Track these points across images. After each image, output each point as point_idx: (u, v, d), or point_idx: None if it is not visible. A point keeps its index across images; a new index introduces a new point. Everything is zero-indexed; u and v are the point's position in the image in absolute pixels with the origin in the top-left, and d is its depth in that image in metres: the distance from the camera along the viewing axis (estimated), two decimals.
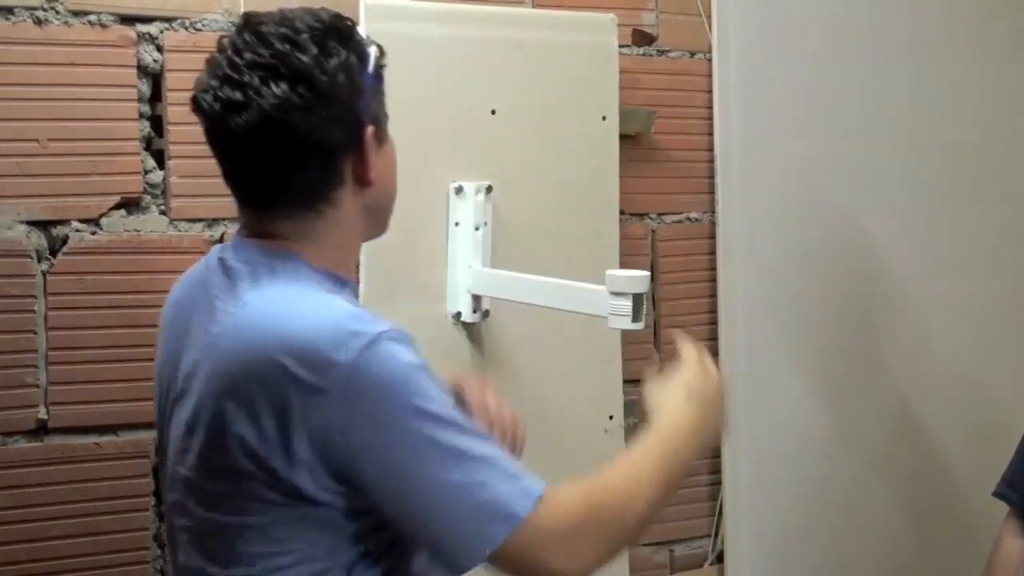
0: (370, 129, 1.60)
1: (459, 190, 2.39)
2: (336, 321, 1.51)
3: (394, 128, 2.29)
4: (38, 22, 2.14)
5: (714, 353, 2.78)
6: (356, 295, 1.72)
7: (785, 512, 2.84)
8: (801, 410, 2.85)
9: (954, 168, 3.01)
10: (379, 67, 1.63)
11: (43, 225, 2.15)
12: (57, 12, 2.15)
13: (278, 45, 1.55)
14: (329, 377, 1.47)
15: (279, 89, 1.53)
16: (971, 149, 3.03)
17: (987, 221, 3.06)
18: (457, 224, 2.39)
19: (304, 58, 1.55)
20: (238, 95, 1.53)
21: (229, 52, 1.56)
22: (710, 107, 2.77)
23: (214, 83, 1.56)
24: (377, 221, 1.70)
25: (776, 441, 2.83)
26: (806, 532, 2.87)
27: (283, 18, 1.59)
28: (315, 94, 1.54)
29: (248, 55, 1.55)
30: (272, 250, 1.60)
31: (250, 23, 1.59)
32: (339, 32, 1.59)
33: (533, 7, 2.57)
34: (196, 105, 1.58)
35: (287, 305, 1.54)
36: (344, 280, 1.65)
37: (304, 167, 1.57)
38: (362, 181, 1.61)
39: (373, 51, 1.62)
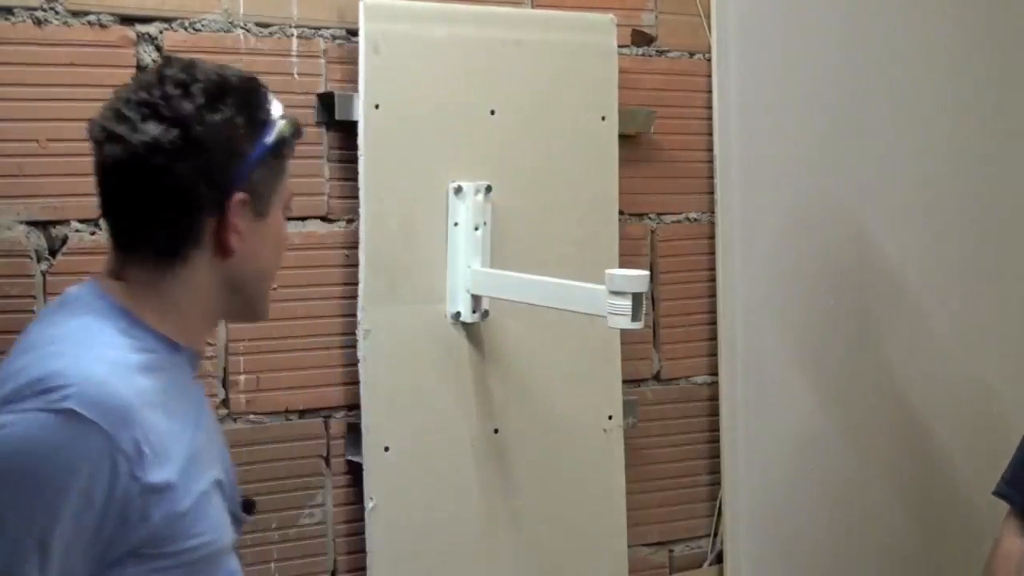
0: (240, 196, 1.58)
1: (458, 190, 2.39)
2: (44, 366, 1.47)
3: (394, 129, 2.33)
4: (38, 22, 2.14)
5: (713, 353, 2.80)
6: (192, 367, 1.65)
7: (785, 512, 2.85)
8: (801, 410, 2.86)
9: (954, 167, 3.02)
10: (280, 142, 1.63)
11: (42, 225, 2.15)
12: (56, 12, 2.15)
13: (169, 88, 1.57)
14: None
15: (154, 130, 1.54)
16: (971, 148, 3.04)
17: (988, 220, 3.08)
18: (456, 224, 2.40)
19: (187, 105, 1.56)
20: (119, 128, 1.56)
21: (131, 86, 1.61)
22: (709, 107, 2.77)
23: (107, 113, 1.59)
24: (241, 300, 1.66)
25: (776, 441, 2.84)
26: (806, 532, 2.88)
27: (190, 65, 1.61)
28: (186, 143, 1.55)
29: (142, 93, 1.57)
30: (102, 291, 1.59)
31: (161, 64, 1.63)
32: (240, 92, 1.60)
33: (532, 7, 2.57)
34: (88, 131, 1.60)
35: (46, 343, 1.52)
36: (176, 346, 1.60)
37: (161, 214, 1.57)
38: (222, 249, 1.59)
39: (280, 125, 1.62)
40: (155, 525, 1.49)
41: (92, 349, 1.52)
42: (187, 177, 1.55)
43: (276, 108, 1.65)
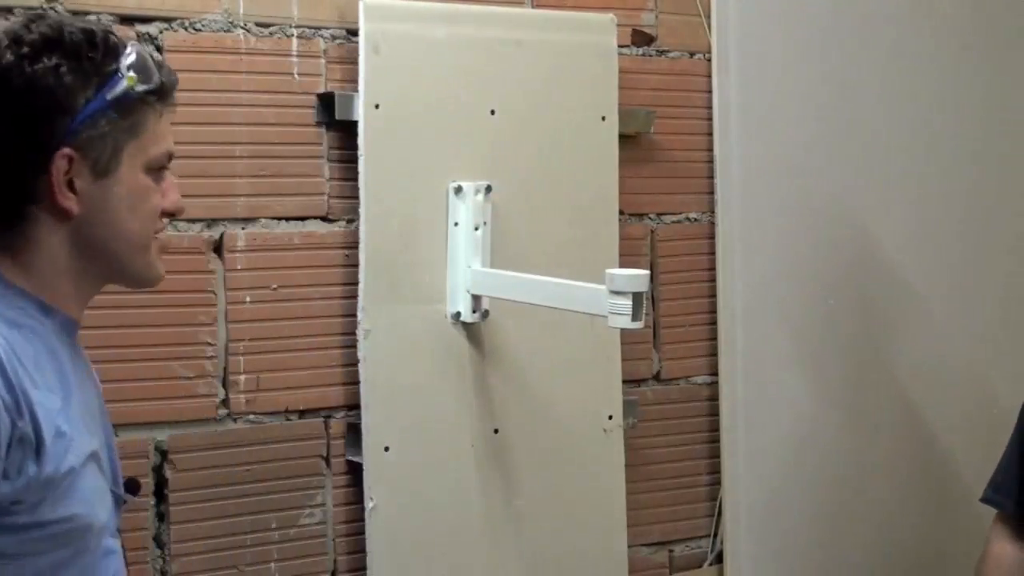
0: (64, 152, 1.50)
1: (458, 190, 2.41)
2: None
3: (394, 129, 2.33)
4: None
5: (714, 353, 2.82)
6: (69, 333, 1.59)
7: (785, 512, 2.86)
8: (800, 410, 2.87)
9: (955, 166, 3.03)
10: (123, 97, 1.53)
11: None
12: (56, 12, 2.14)
13: (1, 39, 1.52)
14: None
15: None
16: (972, 147, 3.05)
17: (988, 219, 3.09)
18: (456, 224, 2.41)
19: (9, 56, 1.50)
20: None
21: None
22: (709, 107, 2.78)
23: None
24: (107, 264, 1.59)
25: (775, 441, 2.85)
26: (807, 532, 2.89)
27: (35, 18, 1.55)
28: (5, 96, 1.50)
29: None
30: None
31: (19, 16, 1.58)
32: (74, 45, 1.52)
33: (532, 7, 2.58)
34: None
35: None
36: (48, 307, 1.55)
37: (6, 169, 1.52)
38: (56, 209, 1.52)
39: (123, 80, 1.53)
40: (14, 484, 1.46)
41: None
42: (6, 132, 1.51)
43: (126, 61, 1.54)
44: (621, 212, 2.66)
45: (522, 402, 2.52)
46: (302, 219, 2.37)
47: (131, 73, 1.54)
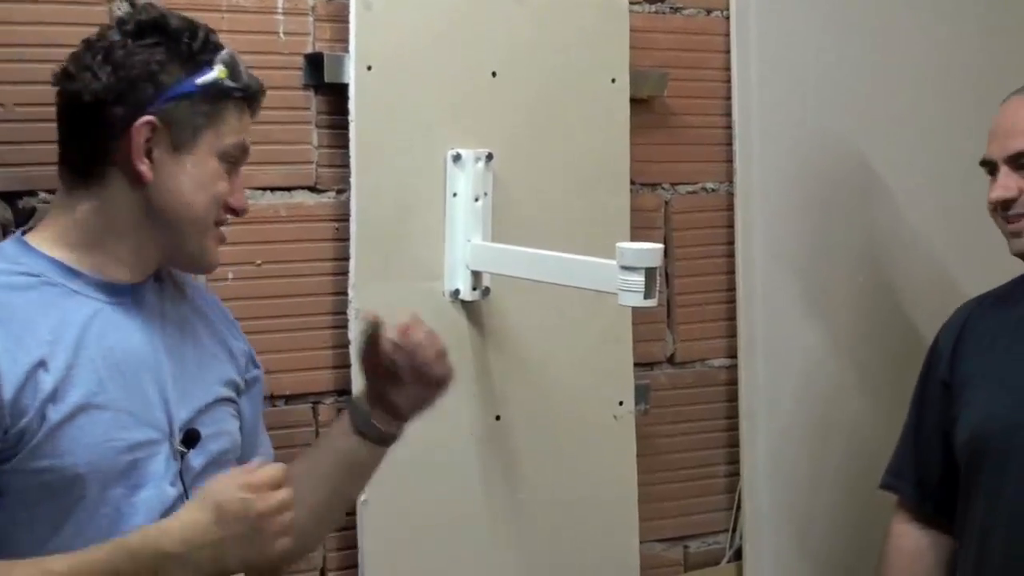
0: (148, 119, 1.76)
1: (457, 158, 2.40)
2: None
3: (387, 92, 2.31)
4: None
5: (732, 334, 2.81)
6: (112, 293, 1.82)
7: (810, 505, 2.87)
8: (826, 396, 2.87)
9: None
10: (212, 85, 1.80)
11: (8, 196, 2.15)
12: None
13: (112, 26, 1.84)
14: None
15: (86, 57, 1.80)
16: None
17: None
18: (455, 195, 2.41)
19: (115, 35, 1.80)
20: (69, 65, 1.83)
21: None
22: (727, 69, 2.78)
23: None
24: (169, 238, 1.84)
25: (799, 430, 2.85)
26: (831, 527, 2.89)
27: (144, 7, 1.86)
28: (105, 63, 1.77)
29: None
30: (21, 232, 1.84)
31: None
32: (175, 31, 1.80)
33: None
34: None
35: None
36: (73, 272, 1.80)
37: (75, 129, 1.81)
38: (132, 172, 1.78)
39: (216, 69, 1.80)
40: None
41: None
42: (99, 93, 1.76)
43: (222, 57, 1.82)
44: (632, 182, 2.65)
45: (526, 387, 2.53)
46: (289, 190, 2.37)
47: (222, 67, 1.80)
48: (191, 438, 1.84)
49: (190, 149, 1.80)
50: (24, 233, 1.84)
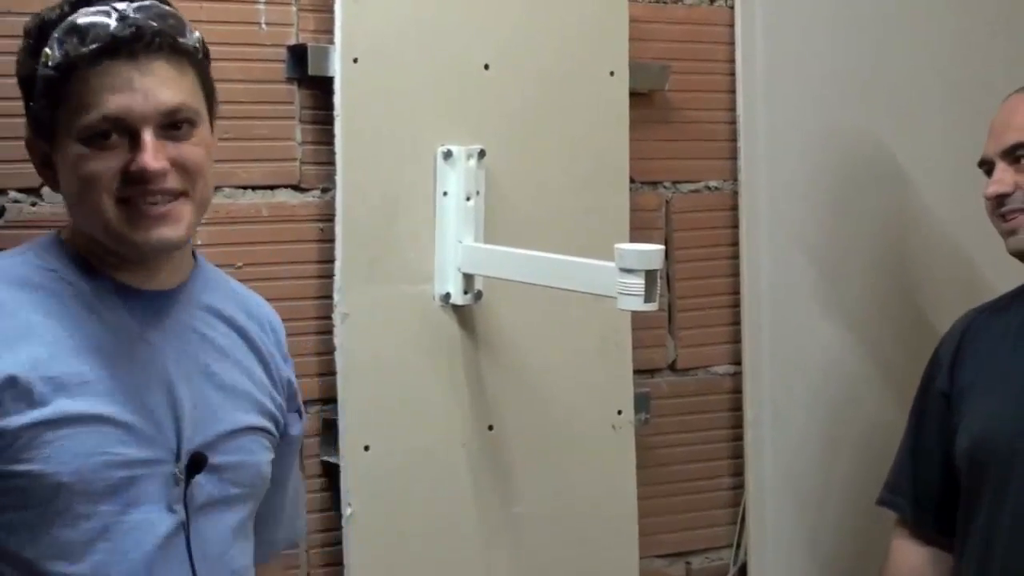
0: (27, 136, 1.81)
1: (448, 155, 2.40)
2: None
3: (375, 86, 2.30)
4: None
5: (736, 340, 2.81)
6: (124, 297, 1.79)
7: (817, 519, 2.87)
8: (835, 405, 2.87)
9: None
10: (46, 71, 1.73)
11: None
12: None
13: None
14: None
15: None
16: None
17: None
18: (445, 194, 2.41)
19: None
20: None
21: None
22: (732, 61, 2.78)
23: None
24: (81, 227, 1.80)
25: (807, 440, 2.85)
26: (840, 541, 2.89)
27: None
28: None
29: None
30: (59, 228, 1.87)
31: None
32: (27, 34, 1.79)
33: None
34: None
35: None
36: (94, 271, 1.79)
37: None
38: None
39: (43, 55, 1.73)
40: None
41: None
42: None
43: (56, 33, 1.73)
44: (632, 180, 2.65)
45: (520, 395, 2.53)
46: (271, 188, 2.36)
47: (47, 48, 1.73)
48: (196, 463, 1.78)
49: (56, 144, 1.75)
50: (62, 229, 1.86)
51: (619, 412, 2.62)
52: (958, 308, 2.62)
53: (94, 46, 1.70)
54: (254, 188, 2.35)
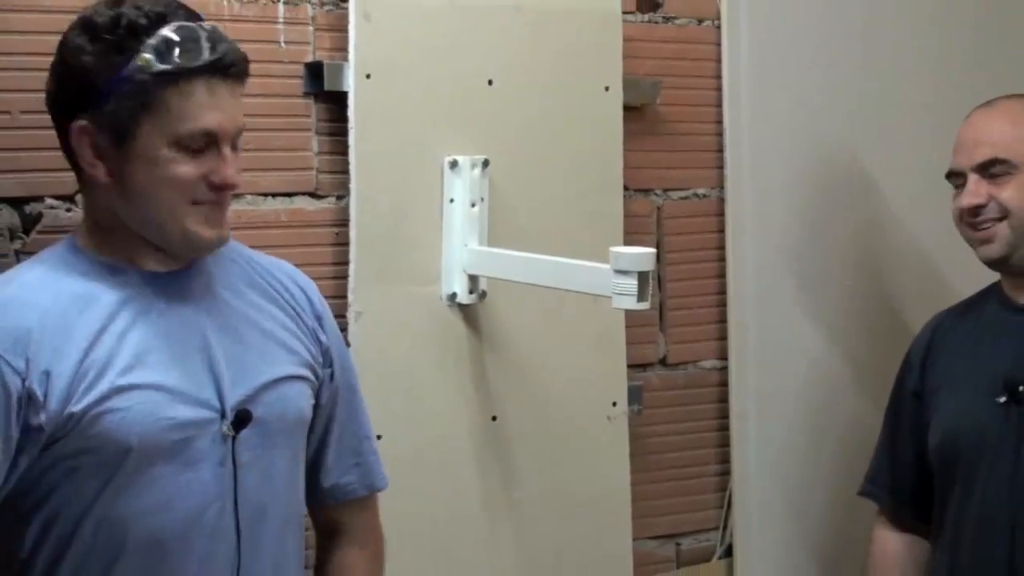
0: (80, 124, 1.77)
1: (454, 164, 2.41)
2: None
3: (386, 100, 2.30)
4: None
5: (723, 337, 2.82)
6: (153, 283, 1.84)
7: (799, 503, 2.88)
8: (815, 397, 2.88)
9: None
10: (141, 76, 1.74)
11: (15, 202, 2.15)
12: None
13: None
14: None
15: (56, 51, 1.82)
16: None
17: None
18: (452, 200, 2.41)
19: (66, 33, 1.80)
20: None
21: None
22: (719, 77, 2.78)
23: None
24: (140, 221, 1.81)
25: (788, 429, 2.86)
26: (821, 525, 2.90)
27: (102, 5, 1.80)
28: (53, 69, 1.82)
29: None
30: (72, 234, 1.89)
31: None
32: (107, 22, 1.76)
33: None
34: None
35: None
36: (116, 268, 1.83)
37: (61, 138, 1.83)
38: (87, 174, 1.81)
39: (139, 59, 1.74)
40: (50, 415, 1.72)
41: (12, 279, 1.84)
42: (49, 98, 1.83)
43: (150, 43, 1.74)
44: (626, 187, 2.66)
45: (521, 388, 2.53)
46: (289, 195, 2.37)
47: (146, 54, 1.74)
48: (241, 419, 1.83)
49: (133, 144, 1.76)
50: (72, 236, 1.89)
51: (614, 404, 2.63)
52: (928, 310, 2.62)
53: (200, 63, 1.75)
54: (274, 195, 2.35)
